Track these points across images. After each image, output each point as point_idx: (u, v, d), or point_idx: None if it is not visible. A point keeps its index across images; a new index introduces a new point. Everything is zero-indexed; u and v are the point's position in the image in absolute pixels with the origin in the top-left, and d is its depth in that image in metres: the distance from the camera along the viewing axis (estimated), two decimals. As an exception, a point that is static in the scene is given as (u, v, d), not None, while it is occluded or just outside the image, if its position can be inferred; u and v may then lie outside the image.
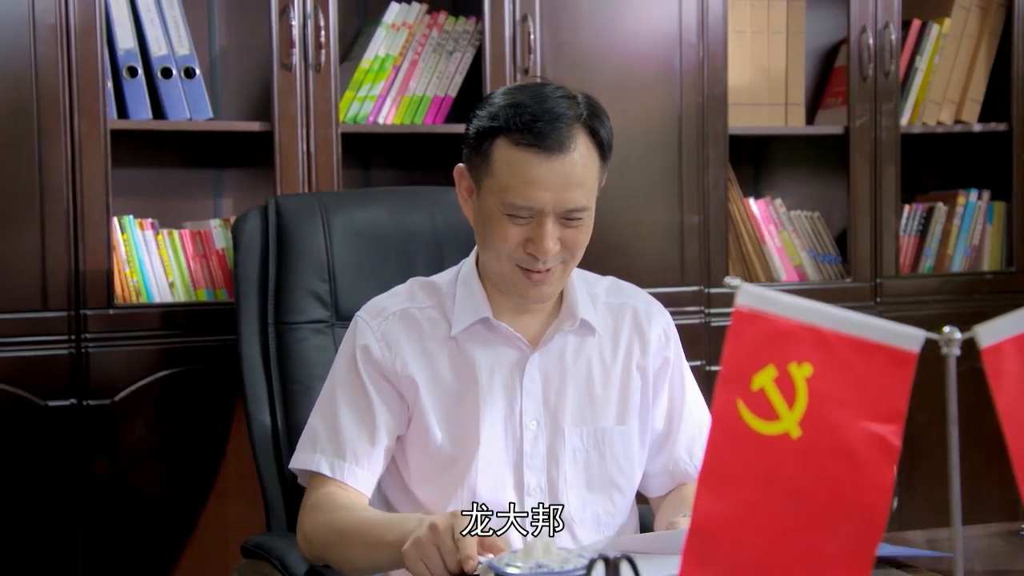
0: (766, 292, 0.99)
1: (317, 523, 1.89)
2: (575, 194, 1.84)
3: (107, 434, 2.72)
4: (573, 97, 1.89)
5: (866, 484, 0.99)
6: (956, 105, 3.54)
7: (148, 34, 2.80)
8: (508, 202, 1.84)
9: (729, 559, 0.98)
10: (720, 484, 0.98)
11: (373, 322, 1.99)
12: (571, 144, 1.83)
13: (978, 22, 3.55)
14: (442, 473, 1.96)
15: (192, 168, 3.09)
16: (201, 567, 2.82)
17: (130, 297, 2.78)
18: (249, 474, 2.77)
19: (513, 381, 1.97)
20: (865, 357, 0.99)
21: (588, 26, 3.09)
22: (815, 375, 0.98)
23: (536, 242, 1.85)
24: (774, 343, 0.98)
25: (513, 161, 1.84)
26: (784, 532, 0.99)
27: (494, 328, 1.97)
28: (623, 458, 2.00)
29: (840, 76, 3.52)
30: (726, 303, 3.20)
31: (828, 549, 0.99)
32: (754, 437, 0.98)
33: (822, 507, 0.99)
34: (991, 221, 3.58)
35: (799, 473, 0.98)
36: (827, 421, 0.98)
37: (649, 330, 2.05)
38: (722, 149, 3.20)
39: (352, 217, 2.41)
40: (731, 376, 0.98)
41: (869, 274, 3.36)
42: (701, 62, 3.17)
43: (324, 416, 1.97)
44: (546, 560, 1.29)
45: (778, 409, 0.98)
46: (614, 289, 2.09)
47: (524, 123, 1.83)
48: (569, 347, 2.00)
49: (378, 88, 2.98)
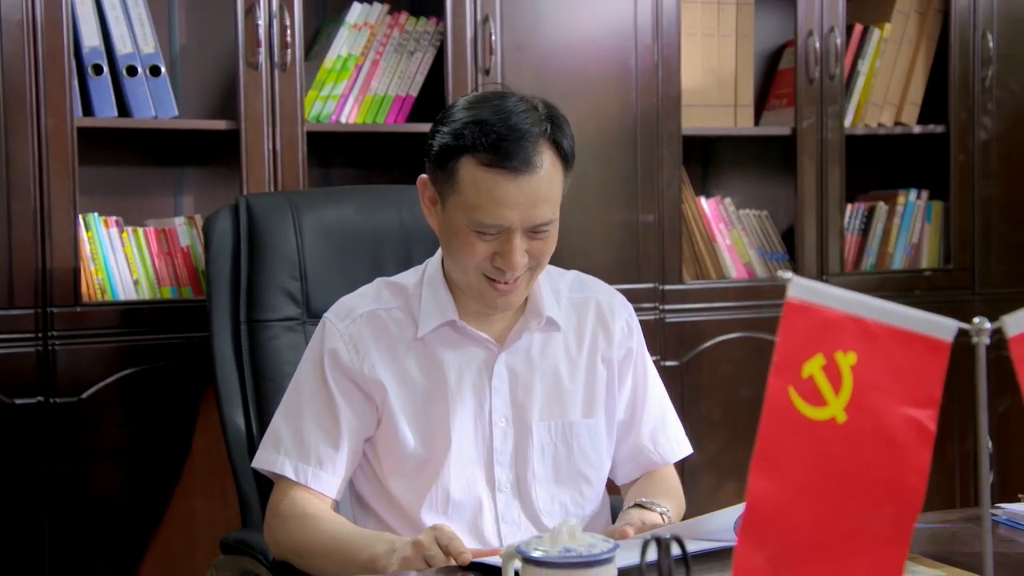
0: (815, 285, 1.05)
1: (284, 529, 1.93)
2: (542, 210, 1.87)
3: (74, 432, 2.72)
4: (535, 108, 1.90)
5: (905, 466, 1.05)
6: (896, 107, 3.65)
7: (113, 32, 2.80)
8: (476, 220, 1.86)
9: (781, 538, 1.04)
10: (772, 467, 1.03)
11: (341, 324, 2.00)
12: (537, 161, 1.85)
13: (916, 27, 3.66)
14: (415, 472, 1.98)
15: (152, 166, 3.09)
16: (168, 563, 2.83)
17: (95, 295, 2.78)
18: (215, 471, 2.79)
19: (482, 381, 2.00)
20: (904, 346, 1.05)
21: (547, 28, 3.14)
22: (859, 363, 1.04)
23: (504, 256, 1.87)
24: (822, 333, 1.04)
25: (480, 181, 1.85)
26: (830, 512, 1.05)
27: (461, 330, 2.00)
28: (591, 450, 2.05)
29: (784, 78, 3.61)
30: (680, 299, 3.28)
31: (870, 527, 1.05)
32: (804, 422, 1.04)
33: (865, 488, 1.05)
34: (929, 220, 3.69)
35: (844, 456, 1.04)
36: (869, 406, 1.04)
37: (613, 322, 2.09)
38: (676, 149, 3.27)
39: (322, 215, 2.44)
40: (783, 364, 1.04)
41: (816, 271, 3.46)
42: (656, 64, 3.24)
43: (288, 418, 1.98)
44: (573, 544, 1.34)
45: (825, 395, 1.04)
46: (577, 284, 2.12)
47: (490, 143, 1.83)
48: (535, 344, 2.04)
49: (340, 87, 3.01)
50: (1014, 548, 1.81)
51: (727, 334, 3.34)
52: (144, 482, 2.81)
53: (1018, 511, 1.92)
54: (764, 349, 3.38)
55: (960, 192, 3.64)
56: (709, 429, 3.32)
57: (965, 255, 3.66)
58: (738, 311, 3.37)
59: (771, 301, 3.40)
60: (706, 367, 3.32)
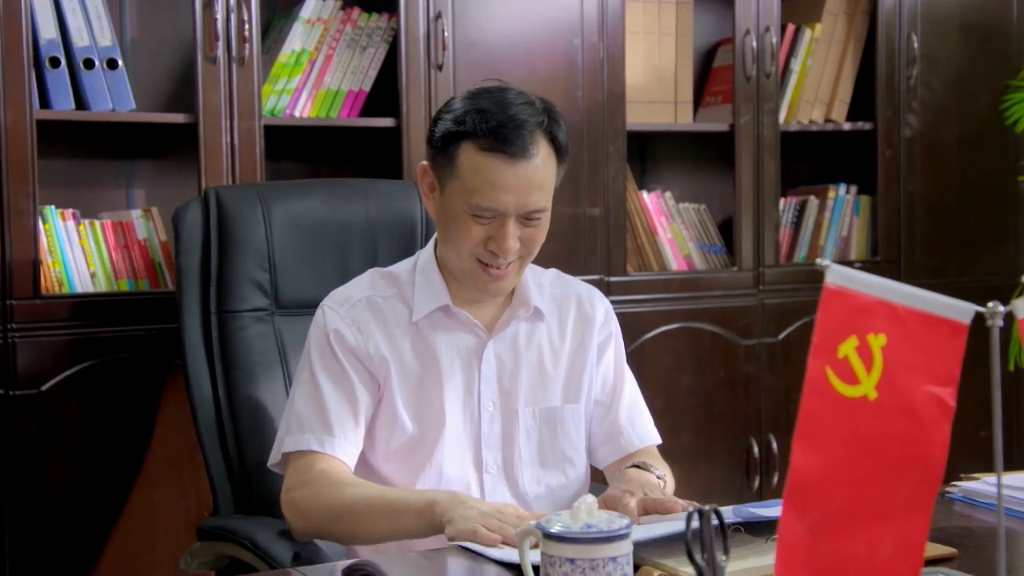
0: (850, 271, 1.13)
1: (318, 500, 1.94)
2: (536, 196, 1.97)
3: (34, 424, 2.72)
4: (532, 103, 1.99)
5: (928, 439, 1.13)
6: (826, 105, 3.77)
7: (70, 24, 2.80)
8: (474, 204, 1.95)
9: (820, 507, 1.11)
10: (813, 441, 1.11)
11: (341, 309, 2.07)
12: (533, 150, 1.95)
13: (845, 28, 3.79)
14: (410, 452, 2.06)
15: (104, 159, 3.09)
16: (128, 554, 2.84)
17: (52, 287, 2.78)
18: (175, 463, 2.82)
19: (471, 365, 2.09)
20: (928, 328, 1.13)
21: (498, 25, 3.20)
22: (888, 344, 1.12)
23: (498, 241, 1.97)
24: (856, 316, 1.12)
25: (479, 166, 1.94)
26: (862, 482, 1.13)
27: (453, 315, 2.09)
28: (574, 433, 2.15)
29: (719, 75, 3.72)
30: (625, 291, 3.36)
31: (898, 497, 1.13)
32: (840, 399, 1.11)
33: (893, 460, 1.13)
34: (858, 214, 3.83)
35: (875, 430, 1.12)
36: (898, 384, 1.12)
37: (593, 312, 2.20)
38: (621, 145, 3.36)
39: (290, 207, 2.48)
40: (821, 346, 1.11)
41: (753, 263, 3.56)
42: (601, 61, 3.32)
43: (307, 398, 2.03)
44: (593, 521, 1.40)
45: (859, 374, 1.12)
46: (558, 281, 2.23)
47: (490, 129, 1.93)
48: (521, 333, 2.13)
49: (295, 82, 3.04)
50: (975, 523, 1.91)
51: (669, 324, 3.44)
52: (104, 474, 2.81)
53: (973, 488, 2.03)
54: (704, 339, 3.49)
55: (887, 187, 3.78)
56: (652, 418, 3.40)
57: (891, 248, 3.80)
58: (679, 302, 3.46)
59: (710, 292, 3.51)
60: (648, 357, 3.40)
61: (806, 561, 1.12)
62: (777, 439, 3.56)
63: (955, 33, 3.85)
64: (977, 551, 1.72)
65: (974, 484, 2.04)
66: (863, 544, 1.12)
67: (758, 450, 3.54)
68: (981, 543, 1.78)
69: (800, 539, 1.11)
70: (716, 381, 3.51)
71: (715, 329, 3.49)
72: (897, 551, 1.13)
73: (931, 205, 3.84)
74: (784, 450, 3.55)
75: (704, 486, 3.44)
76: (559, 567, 1.39)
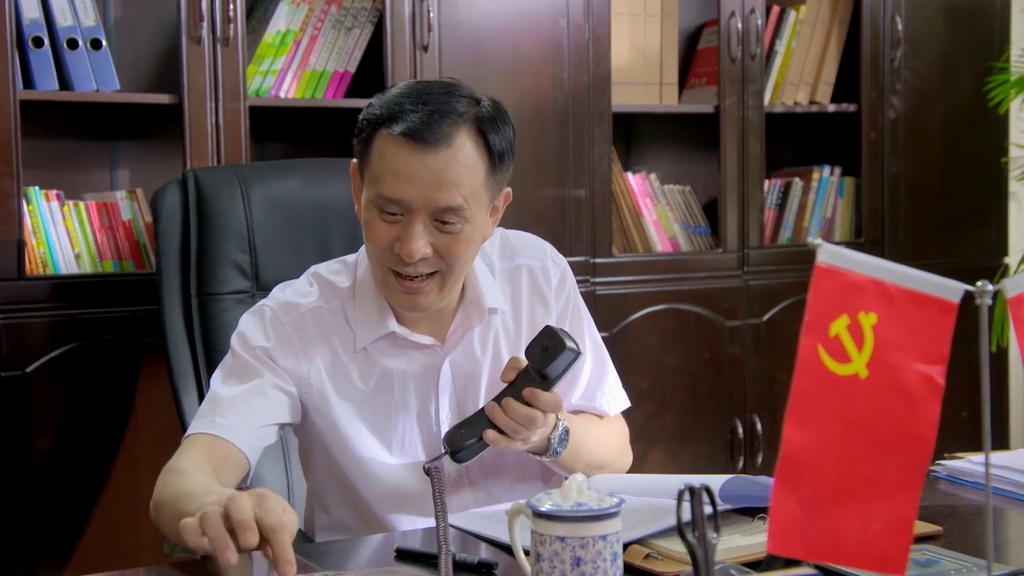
0: (841, 250, 1.14)
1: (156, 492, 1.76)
2: (447, 193, 1.76)
3: (19, 405, 2.72)
4: (477, 101, 1.81)
5: (918, 417, 1.14)
6: (811, 87, 3.78)
7: (53, 4, 2.79)
8: (377, 193, 1.77)
9: (811, 484, 1.12)
10: (804, 419, 1.12)
11: (286, 317, 1.91)
12: (449, 140, 1.75)
13: (830, 9, 3.79)
14: (369, 474, 1.93)
15: (88, 140, 3.08)
16: (113, 535, 2.84)
17: (36, 269, 2.77)
18: (159, 443, 2.81)
19: (427, 386, 1.94)
20: (917, 306, 1.14)
21: (484, 5, 3.20)
22: (879, 323, 1.13)
23: (403, 241, 1.77)
24: (847, 295, 1.13)
25: (386, 151, 1.77)
26: (854, 459, 1.13)
27: (400, 340, 1.91)
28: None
29: (704, 57, 3.72)
30: (610, 272, 3.37)
31: (888, 474, 1.14)
32: (831, 377, 1.12)
33: (884, 437, 1.14)
34: (841, 195, 3.84)
35: (866, 409, 1.13)
36: (888, 363, 1.13)
37: (547, 288, 2.01)
38: (606, 126, 3.36)
39: (270, 189, 2.45)
40: (813, 324, 1.12)
41: (737, 244, 3.57)
42: (587, 43, 3.32)
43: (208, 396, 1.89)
44: (583, 499, 1.40)
45: (850, 352, 1.13)
46: (505, 250, 2.03)
47: (403, 114, 1.75)
48: (476, 337, 1.96)
49: (280, 62, 3.03)
50: (959, 501, 1.92)
51: (653, 306, 3.44)
52: (89, 455, 2.81)
53: (957, 467, 2.05)
54: (689, 320, 3.50)
55: (871, 169, 3.79)
56: (637, 398, 3.38)
57: (875, 229, 3.81)
58: (664, 283, 3.47)
59: (695, 274, 3.51)
60: (634, 338, 3.41)
61: (797, 537, 1.12)
62: (762, 419, 3.58)
63: (939, 15, 3.86)
64: (962, 529, 1.73)
65: (959, 463, 2.05)
66: (854, 521, 1.13)
67: (743, 430, 3.56)
68: (966, 521, 1.79)
69: (791, 516, 1.12)
70: (701, 362, 3.52)
71: (700, 310, 3.50)
72: (887, 528, 1.14)
73: (915, 187, 3.85)
74: (768, 430, 3.57)
75: (689, 466, 3.45)
76: (549, 545, 1.39)
